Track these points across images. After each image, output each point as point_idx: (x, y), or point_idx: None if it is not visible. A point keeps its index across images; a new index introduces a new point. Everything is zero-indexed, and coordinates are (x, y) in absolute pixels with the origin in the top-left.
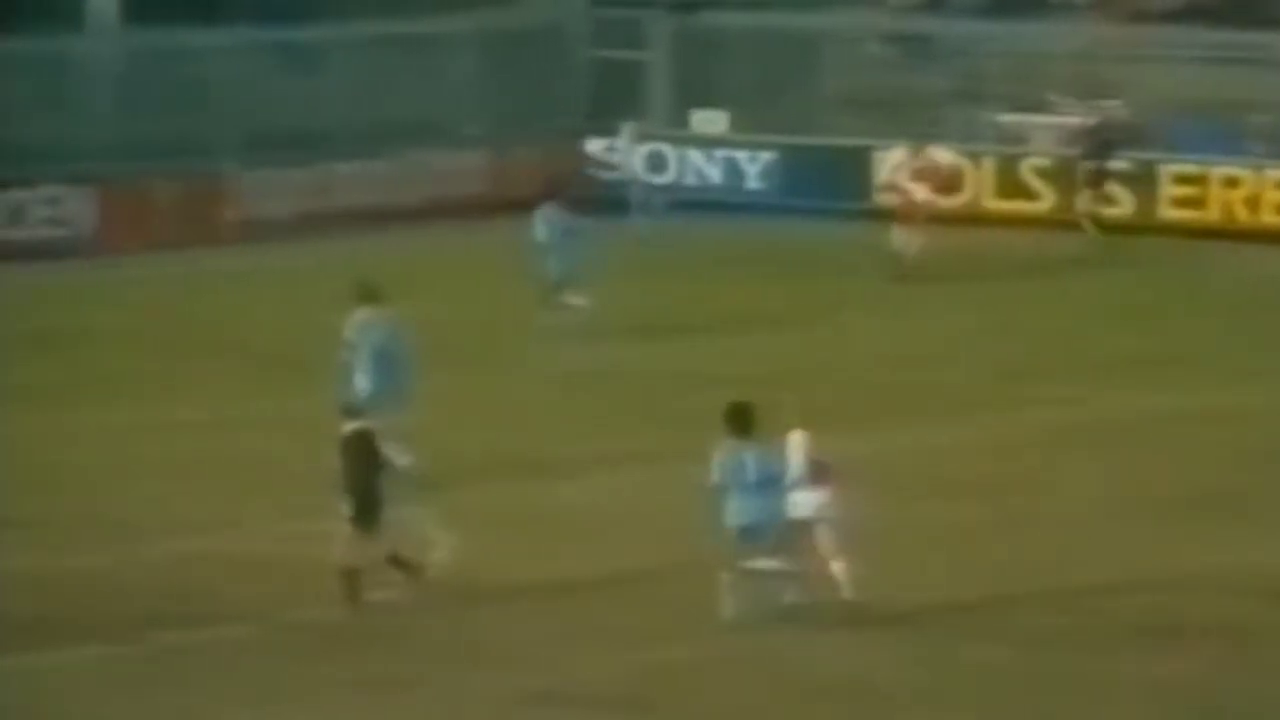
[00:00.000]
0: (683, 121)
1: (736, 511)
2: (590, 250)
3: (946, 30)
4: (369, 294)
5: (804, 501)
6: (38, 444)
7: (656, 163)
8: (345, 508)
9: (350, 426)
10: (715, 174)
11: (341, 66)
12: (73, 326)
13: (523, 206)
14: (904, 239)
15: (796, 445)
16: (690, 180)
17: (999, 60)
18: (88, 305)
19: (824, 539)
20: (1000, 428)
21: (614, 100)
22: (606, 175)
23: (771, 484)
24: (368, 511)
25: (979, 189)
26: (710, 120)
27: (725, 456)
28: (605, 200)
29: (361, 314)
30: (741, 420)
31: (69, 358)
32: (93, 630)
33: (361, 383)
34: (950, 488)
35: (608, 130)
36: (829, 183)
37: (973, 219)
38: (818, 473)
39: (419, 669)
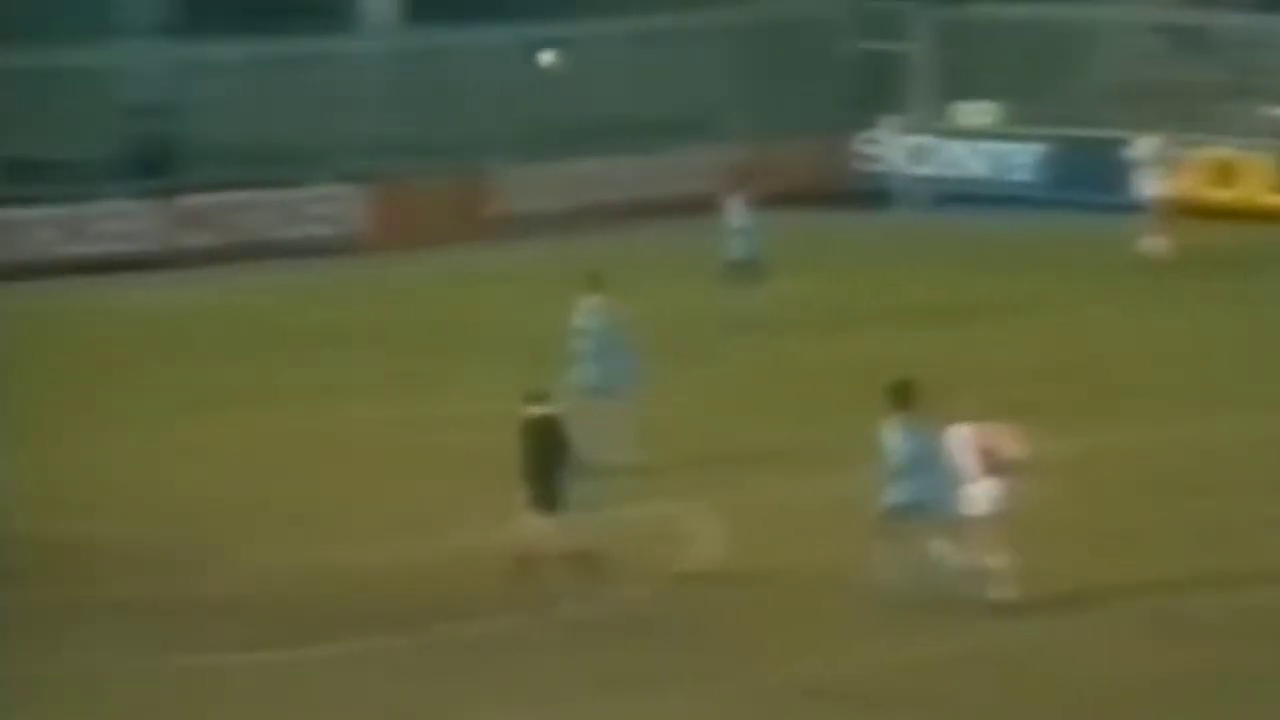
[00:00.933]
0: (944, 114)
1: (891, 489)
2: (767, 244)
3: (1220, 23)
4: (596, 283)
5: (975, 496)
6: (310, 440)
7: (920, 155)
8: (524, 493)
9: (534, 411)
10: (981, 167)
11: (605, 62)
12: (343, 323)
13: (783, 201)
14: (1158, 233)
15: (961, 438)
16: (954, 173)
17: (1274, 53)
18: (357, 302)
19: (987, 532)
20: (1240, 428)
21: (877, 93)
22: (869, 168)
23: (926, 465)
24: (546, 498)
25: (1253, 184)
26: (976, 112)
27: (888, 435)
28: (868, 193)
29: (589, 302)
30: (900, 397)
31: (339, 355)
32: (372, 623)
33: (585, 371)
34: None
35: (871, 123)
36: (1098, 176)
37: (1247, 214)
38: (993, 465)
39: (679, 662)
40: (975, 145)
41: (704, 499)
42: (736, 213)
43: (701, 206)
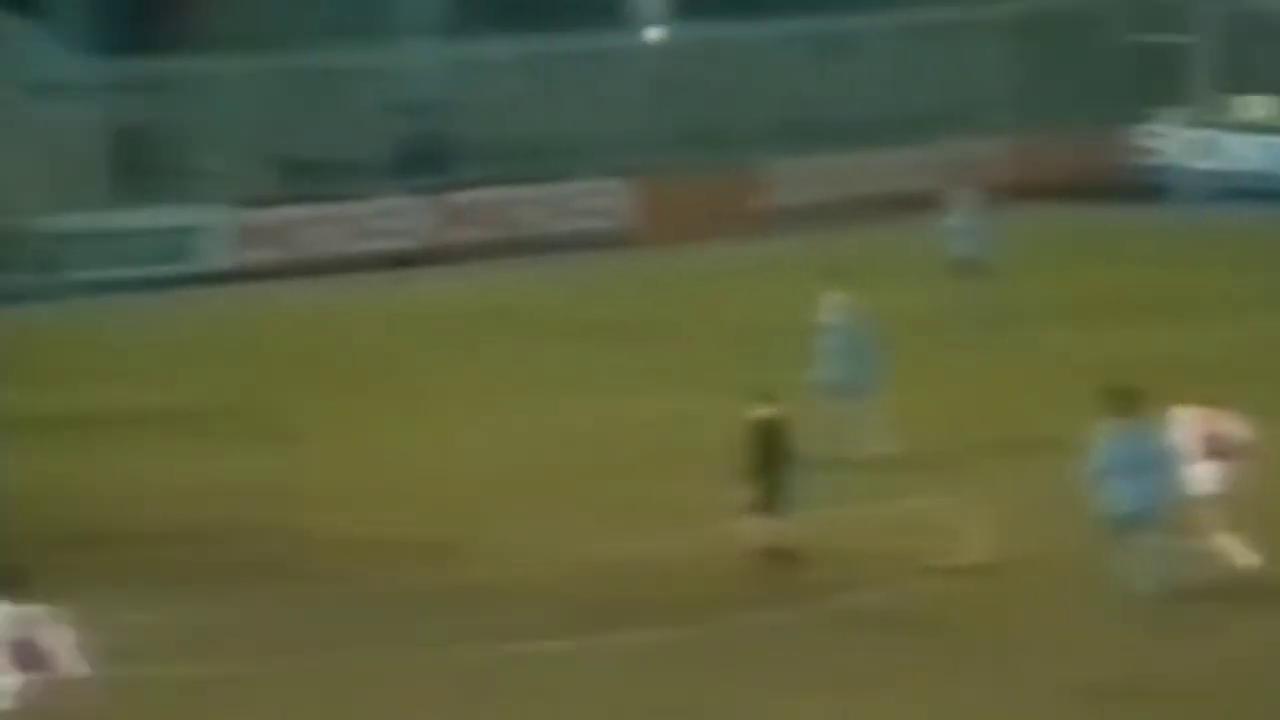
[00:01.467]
0: (1223, 107)
1: (1115, 498)
2: (995, 241)
3: None
4: (840, 280)
5: (1197, 477)
6: (573, 433)
7: (1199, 149)
8: (747, 492)
9: (758, 412)
10: (1260, 160)
11: (873, 56)
12: (610, 317)
13: (1052, 193)
14: None
15: (1183, 421)
16: (1233, 167)
17: None
18: (624, 297)
19: (1214, 513)
20: None
21: (1150, 86)
22: (1144, 161)
23: (1152, 466)
24: (766, 499)
25: None
26: (1256, 105)
27: (1105, 440)
28: (1142, 187)
29: (834, 299)
30: (1122, 403)
31: (606, 348)
32: (650, 613)
33: (830, 367)
34: None
35: (1144, 116)
36: None
37: None
38: (1216, 447)
39: (974, 655)
40: (1255, 139)
41: (953, 493)
42: (961, 210)
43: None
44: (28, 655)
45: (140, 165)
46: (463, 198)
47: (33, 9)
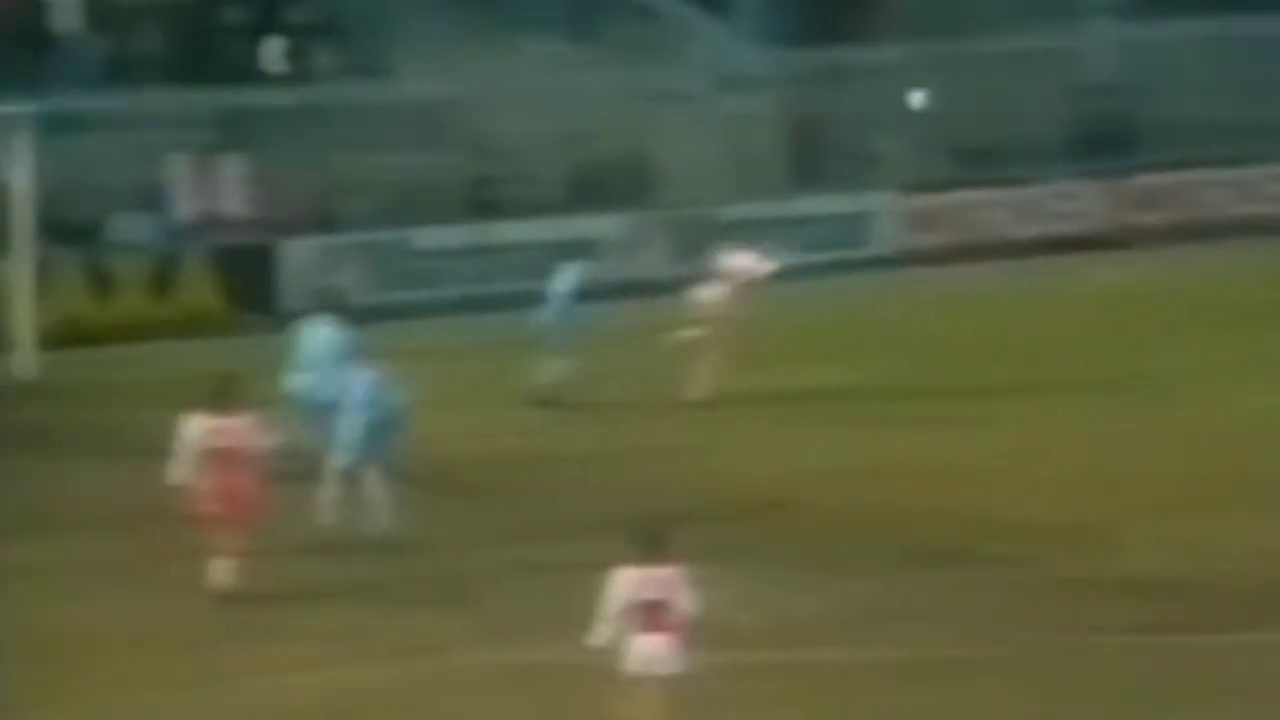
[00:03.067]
0: None
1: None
2: None
3: None
4: None
5: None
6: (1235, 423)
7: None
8: None
9: None
10: None
11: None
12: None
13: None
14: None
15: None
16: None
17: None
18: None
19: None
20: None
21: None
22: None
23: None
24: None
25: None
26: None
27: None
28: None
29: None
30: None
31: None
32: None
33: None
34: None
35: None
36: None
37: None
38: None
39: None
40: None
41: None
42: None
43: None
44: (660, 618)
45: (816, 153)
46: (1143, 181)
47: (718, 5)
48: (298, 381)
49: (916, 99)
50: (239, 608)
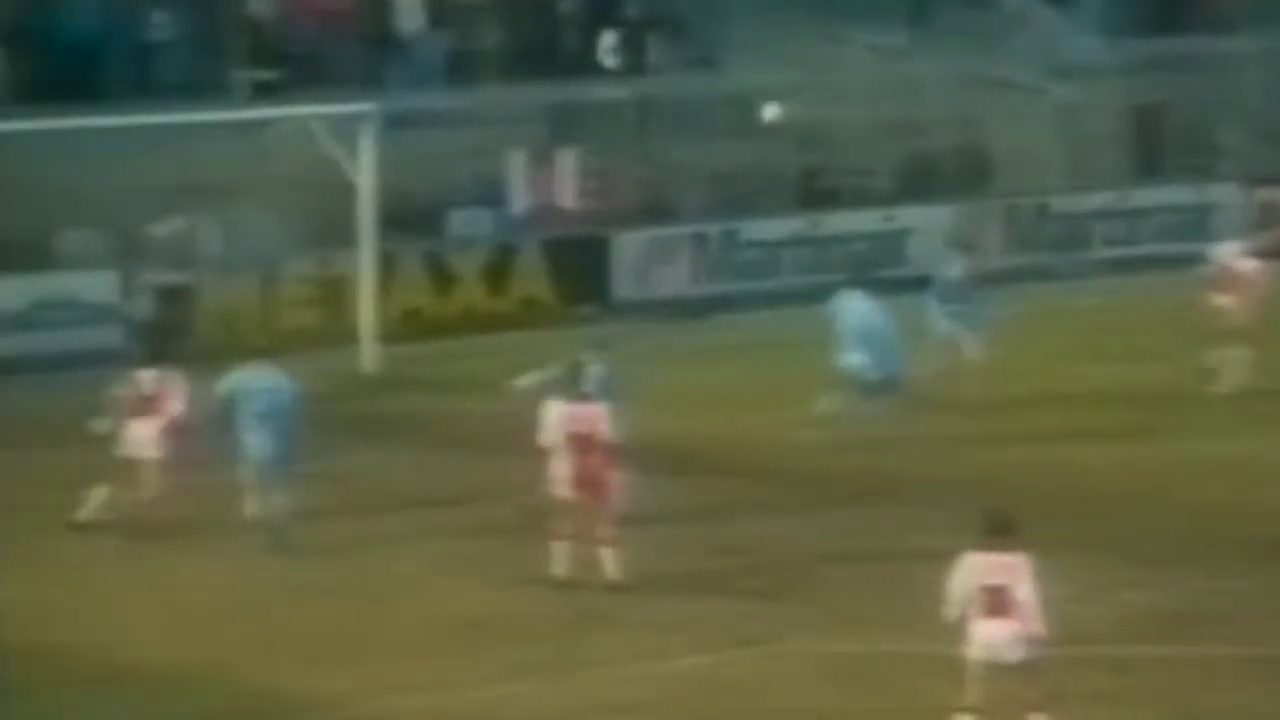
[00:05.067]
0: None
1: None
2: None
3: None
4: None
5: None
6: None
7: None
8: None
9: None
10: None
11: None
12: None
13: None
14: None
15: None
16: None
17: None
18: None
19: None
20: None
21: None
22: None
23: None
24: None
25: None
26: None
27: None
28: None
29: None
30: None
31: None
32: None
33: None
34: None
35: None
36: None
37: None
38: None
39: None
40: None
41: None
42: None
43: None
44: (1003, 603)
45: (1156, 144)
46: None
47: None
48: (852, 359)
49: (770, 112)
50: (576, 595)
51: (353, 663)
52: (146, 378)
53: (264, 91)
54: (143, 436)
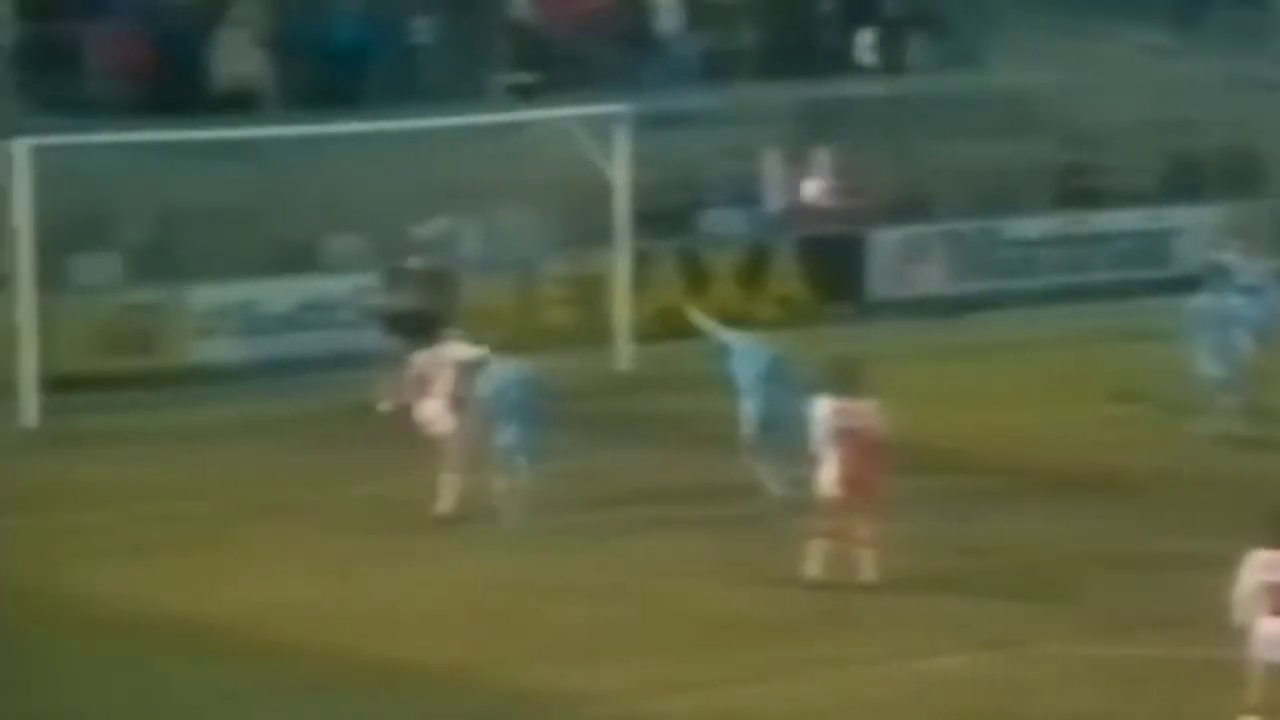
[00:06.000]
0: None
1: None
2: None
3: None
4: None
5: None
6: None
7: None
8: None
9: None
10: None
11: None
12: None
13: None
14: None
15: None
16: None
17: None
18: None
19: None
20: None
21: None
22: None
23: None
24: None
25: None
26: None
27: None
28: None
29: None
30: None
31: None
32: None
33: None
34: None
35: None
36: None
37: None
38: None
39: None
40: None
41: None
42: None
43: None
44: None
45: None
46: None
47: None
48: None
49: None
50: (827, 594)
51: (609, 661)
52: (425, 358)
53: (521, 94)
54: (431, 414)
